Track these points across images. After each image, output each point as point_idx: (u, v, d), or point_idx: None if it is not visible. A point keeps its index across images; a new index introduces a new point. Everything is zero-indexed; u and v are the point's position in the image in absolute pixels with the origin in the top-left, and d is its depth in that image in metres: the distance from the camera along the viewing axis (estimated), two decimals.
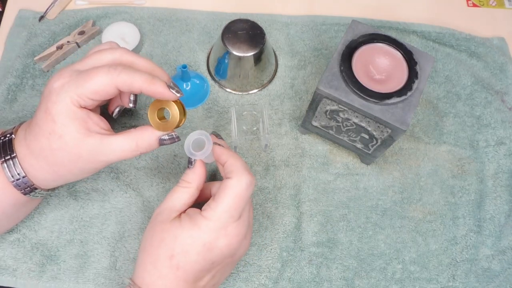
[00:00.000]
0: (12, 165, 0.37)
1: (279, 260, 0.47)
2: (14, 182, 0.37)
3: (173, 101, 0.37)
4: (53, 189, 0.42)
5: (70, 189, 0.48)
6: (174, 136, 0.39)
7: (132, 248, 0.46)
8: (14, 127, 0.39)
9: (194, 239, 0.35)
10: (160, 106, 0.38)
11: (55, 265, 0.45)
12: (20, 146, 0.37)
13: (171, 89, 0.36)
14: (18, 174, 0.37)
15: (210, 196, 0.40)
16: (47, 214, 0.47)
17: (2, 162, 0.37)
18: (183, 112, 0.39)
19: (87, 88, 0.35)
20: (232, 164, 0.37)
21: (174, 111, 0.38)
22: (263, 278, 0.46)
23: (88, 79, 0.35)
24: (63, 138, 0.36)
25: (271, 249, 0.47)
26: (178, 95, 0.37)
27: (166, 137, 0.38)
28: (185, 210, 0.38)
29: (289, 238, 0.48)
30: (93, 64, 0.37)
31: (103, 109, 0.43)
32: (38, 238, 0.46)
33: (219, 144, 0.40)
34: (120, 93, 0.41)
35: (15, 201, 0.39)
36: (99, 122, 0.38)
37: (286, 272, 0.46)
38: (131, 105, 0.40)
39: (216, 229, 0.35)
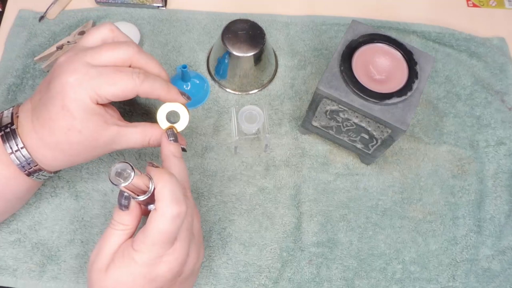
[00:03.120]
0: (21, 154, 0.37)
1: (279, 260, 0.47)
2: (26, 171, 0.38)
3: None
4: (57, 172, 0.42)
5: (71, 189, 0.48)
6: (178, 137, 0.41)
7: None
8: (10, 115, 0.39)
9: (134, 275, 0.33)
10: (169, 109, 0.41)
11: (56, 265, 0.45)
12: (30, 139, 0.37)
13: (183, 95, 0.41)
14: (26, 160, 0.38)
15: None
16: (48, 214, 0.47)
17: (11, 153, 0.37)
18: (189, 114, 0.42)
19: (109, 91, 0.36)
20: (159, 192, 0.33)
21: (184, 114, 0.41)
22: (263, 278, 0.46)
23: (111, 83, 0.36)
24: (83, 132, 0.37)
25: (271, 249, 0.47)
26: (188, 100, 0.41)
27: (173, 138, 0.40)
28: None
29: (289, 238, 0.48)
30: (107, 60, 0.37)
31: None
32: (39, 238, 0.46)
33: (154, 165, 0.35)
34: None
35: (28, 185, 0.40)
36: (113, 113, 0.39)
37: (286, 272, 0.46)
38: None
39: (151, 259, 0.33)
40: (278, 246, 0.47)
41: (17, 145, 0.37)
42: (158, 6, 0.59)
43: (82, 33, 0.56)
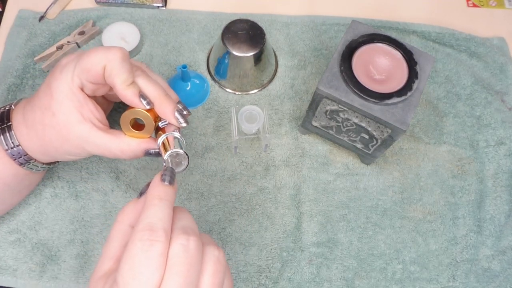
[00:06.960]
0: (8, 135, 0.38)
1: (279, 260, 0.47)
2: (9, 151, 0.38)
3: (146, 109, 0.37)
4: (50, 164, 0.42)
5: (71, 189, 0.48)
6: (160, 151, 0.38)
7: None
8: (17, 100, 0.40)
9: None
10: (133, 116, 0.37)
11: (56, 265, 0.45)
12: (17, 114, 0.38)
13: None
14: (13, 143, 0.38)
15: None
16: (48, 214, 0.47)
17: None
18: (157, 120, 0.38)
19: (89, 60, 0.35)
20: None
21: (148, 120, 0.37)
22: (263, 278, 0.46)
23: (96, 50, 0.35)
24: (56, 116, 0.36)
25: (271, 249, 0.47)
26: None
27: (153, 151, 0.38)
28: None
29: (289, 238, 0.48)
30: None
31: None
32: (39, 238, 0.46)
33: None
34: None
35: (15, 171, 0.39)
36: (94, 110, 0.37)
37: (286, 272, 0.46)
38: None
39: None
40: (278, 246, 0.47)
41: (6, 123, 0.38)
42: (158, 6, 0.59)
43: (82, 33, 0.56)
